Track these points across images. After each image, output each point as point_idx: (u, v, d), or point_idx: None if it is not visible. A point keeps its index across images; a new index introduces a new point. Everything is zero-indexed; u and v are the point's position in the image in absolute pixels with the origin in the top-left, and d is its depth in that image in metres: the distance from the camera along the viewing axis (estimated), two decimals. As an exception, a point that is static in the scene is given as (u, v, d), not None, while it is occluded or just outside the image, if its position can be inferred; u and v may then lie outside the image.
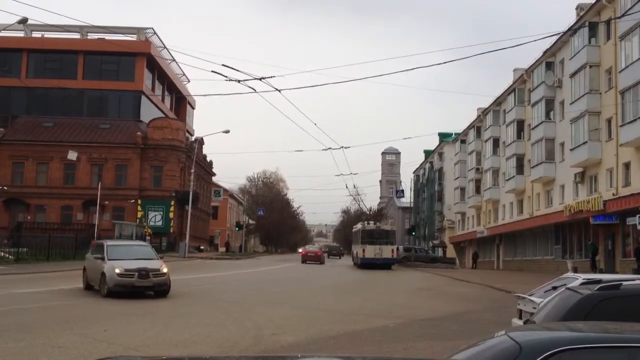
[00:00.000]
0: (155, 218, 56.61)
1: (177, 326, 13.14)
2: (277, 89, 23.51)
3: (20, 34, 61.02)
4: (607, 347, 3.80)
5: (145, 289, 18.65)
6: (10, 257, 34.25)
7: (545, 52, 45.56)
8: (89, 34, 61.43)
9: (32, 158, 56.71)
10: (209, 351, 10.44)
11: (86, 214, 55.34)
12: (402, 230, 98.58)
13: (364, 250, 45.72)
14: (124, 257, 19.08)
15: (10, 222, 53.79)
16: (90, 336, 11.38)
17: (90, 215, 54.03)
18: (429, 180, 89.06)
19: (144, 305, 16.92)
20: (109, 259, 18.81)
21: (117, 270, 18.25)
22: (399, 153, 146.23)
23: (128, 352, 9.80)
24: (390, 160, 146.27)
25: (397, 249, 64.47)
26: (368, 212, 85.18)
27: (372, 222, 52.95)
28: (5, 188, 53.36)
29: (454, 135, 77.20)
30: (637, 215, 30.38)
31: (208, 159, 72.58)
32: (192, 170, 53.79)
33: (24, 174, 57.03)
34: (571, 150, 40.35)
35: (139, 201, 56.51)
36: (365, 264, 44.66)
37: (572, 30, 38.91)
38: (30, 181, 56.69)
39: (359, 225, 52.56)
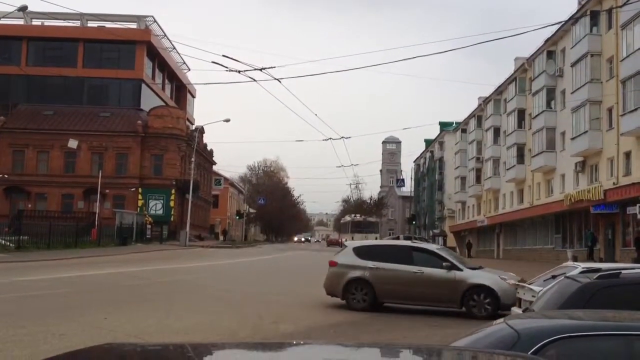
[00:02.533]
0: (155, 207, 56.66)
1: (178, 314, 13.17)
2: (277, 79, 23.49)
3: (20, 22, 60.80)
4: (605, 335, 3.83)
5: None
6: (11, 245, 34.30)
7: (546, 41, 45.39)
8: (89, 22, 61.26)
9: (32, 146, 56.67)
10: (210, 338, 10.47)
11: (87, 203, 55.41)
12: (403, 219, 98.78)
13: (352, 238, 51.23)
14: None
15: (11, 210, 53.91)
16: (90, 324, 11.40)
17: (91, 203, 54.14)
18: (430, 170, 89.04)
19: (144, 292, 16.97)
20: (469, 268, 15.28)
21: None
22: (400, 142, 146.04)
23: (129, 339, 9.81)
24: (391, 149, 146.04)
25: (398, 237, 65.73)
26: (369, 202, 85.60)
27: (359, 215, 60.66)
28: (6, 176, 53.41)
29: (454, 125, 77.15)
30: (638, 205, 30.45)
31: (209, 148, 72.53)
32: (193, 159, 53.79)
33: (24, 162, 57.01)
34: (572, 139, 40.31)
35: (140, 190, 56.52)
36: None
37: (574, 19, 38.76)
38: (30, 169, 56.68)
39: (347, 218, 60.67)
